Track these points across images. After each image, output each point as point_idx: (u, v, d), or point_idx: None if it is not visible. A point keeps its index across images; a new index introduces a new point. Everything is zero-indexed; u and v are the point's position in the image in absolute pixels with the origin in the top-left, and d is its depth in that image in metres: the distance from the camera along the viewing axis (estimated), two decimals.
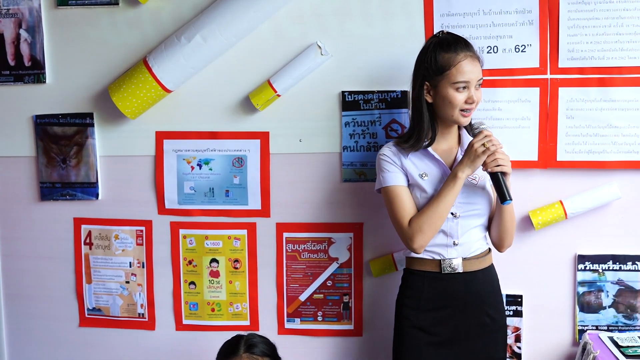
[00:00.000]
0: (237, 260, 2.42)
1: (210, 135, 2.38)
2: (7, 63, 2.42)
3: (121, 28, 2.36)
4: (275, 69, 2.30)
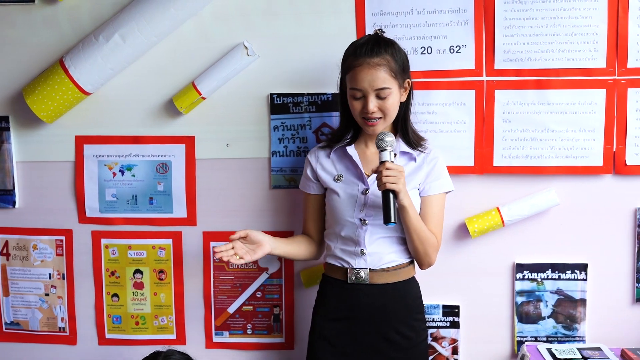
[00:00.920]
0: (162, 271, 2.33)
1: (132, 139, 2.28)
2: None
3: (37, 27, 2.26)
4: (200, 71, 2.21)
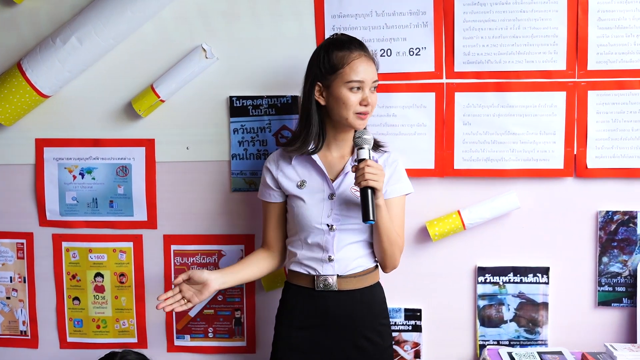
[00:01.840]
0: (123, 274, 2.31)
1: (92, 142, 2.28)
2: None
3: None
4: (159, 73, 2.20)
